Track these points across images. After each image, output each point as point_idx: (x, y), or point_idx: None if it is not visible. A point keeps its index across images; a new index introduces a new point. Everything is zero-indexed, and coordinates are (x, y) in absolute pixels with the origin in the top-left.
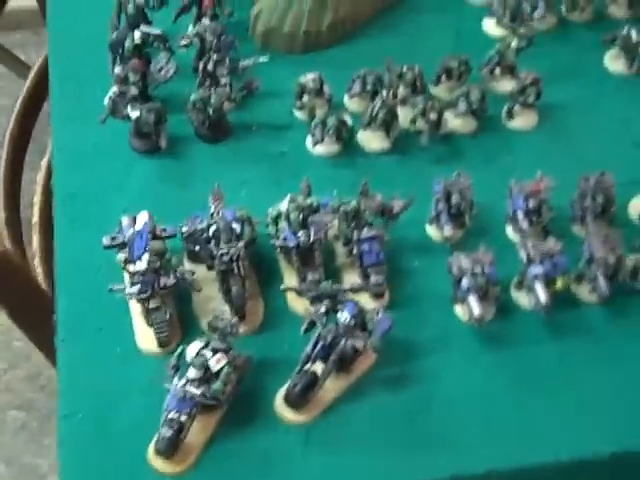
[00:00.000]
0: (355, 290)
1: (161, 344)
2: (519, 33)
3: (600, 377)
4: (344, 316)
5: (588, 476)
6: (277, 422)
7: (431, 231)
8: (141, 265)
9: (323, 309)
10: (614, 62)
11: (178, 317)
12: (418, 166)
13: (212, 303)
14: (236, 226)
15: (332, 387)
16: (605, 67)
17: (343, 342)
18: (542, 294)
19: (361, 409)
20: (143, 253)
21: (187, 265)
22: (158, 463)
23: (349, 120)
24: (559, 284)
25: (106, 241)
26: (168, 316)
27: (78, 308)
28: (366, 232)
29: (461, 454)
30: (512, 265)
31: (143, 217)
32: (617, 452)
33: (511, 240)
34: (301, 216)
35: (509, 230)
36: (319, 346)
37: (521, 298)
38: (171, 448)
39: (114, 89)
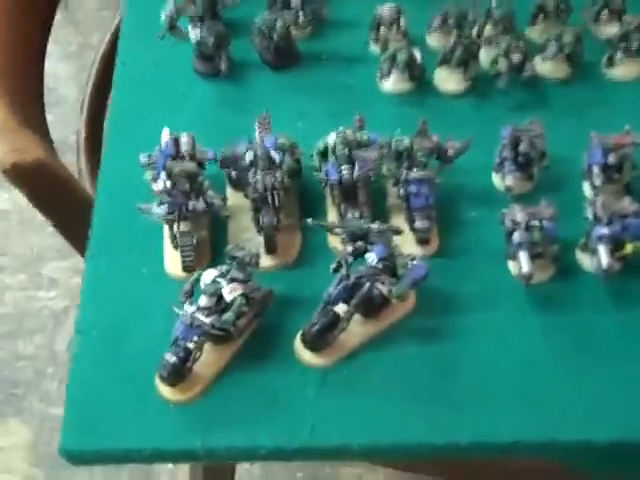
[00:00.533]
0: (386, 230)
1: (185, 268)
2: None
3: None
4: (371, 257)
5: (628, 462)
6: (294, 362)
7: (495, 179)
8: (158, 186)
9: (350, 248)
10: None
11: (210, 244)
12: (495, 112)
13: (247, 233)
14: (275, 154)
15: (357, 332)
16: None
17: (367, 285)
18: (604, 257)
19: (385, 359)
20: (160, 172)
21: (229, 192)
22: (164, 389)
23: (419, 57)
24: (628, 249)
25: (143, 159)
26: (195, 241)
27: (112, 226)
28: (415, 173)
29: (487, 420)
30: (584, 225)
31: (165, 133)
32: None
33: (586, 196)
34: (347, 150)
35: (586, 187)
36: (341, 287)
37: (585, 260)
38: (173, 375)
39: (171, 5)
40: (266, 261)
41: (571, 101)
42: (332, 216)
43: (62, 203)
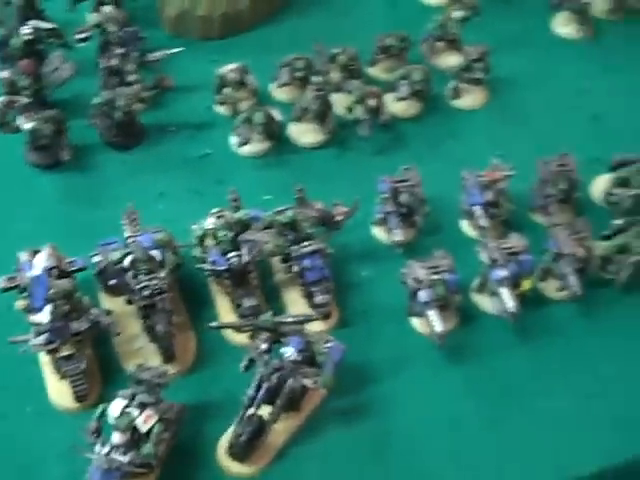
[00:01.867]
0: (300, 322)
1: (78, 398)
2: (462, 1)
3: (577, 383)
4: (289, 351)
5: None
6: (222, 476)
7: (378, 233)
8: (43, 317)
9: (264, 346)
10: (564, 27)
11: (97, 362)
12: (358, 159)
13: (136, 342)
14: (156, 253)
15: (281, 429)
16: (555, 33)
17: (291, 382)
18: (510, 301)
19: (314, 451)
20: (44, 304)
21: (103, 299)
22: None
23: (278, 115)
24: (526, 286)
25: (3, 283)
26: (84, 365)
27: None
28: (306, 247)
29: None
30: (471, 264)
31: (41, 257)
32: (604, 467)
33: (467, 235)
34: (230, 234)
35: (464, 225)
36: (263, 389)
37: (484, 302)
38: None
39: (2, 99)
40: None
41: (426, 137)
42: (223, 306)
43: None
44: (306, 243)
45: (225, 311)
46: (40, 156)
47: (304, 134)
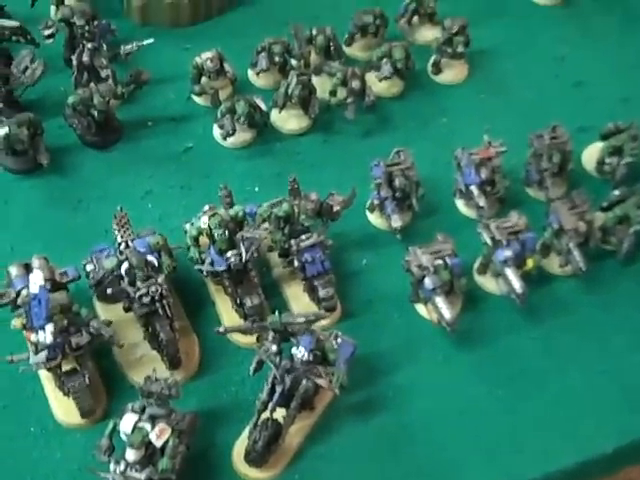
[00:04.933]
0: (311, 321)
1: (84, 414)
2: None
3: (588, 359)
4: (300, 352)
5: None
6: None
7: (374, 219)
8: (45, 337)
9: (274, 348)
10: None
11: (99, 374)
12: (345, 143)
13: (138, 350)
14: (152, 258)
15: (296, 430)
16: (530, 0)
17: (305, 382)
18: (516, 282)
19: (332, 449)
20: (45, 323)
21: (98, 307)
22: None
23: (262, 104)
24: (530, 264)
25: None
26: (87, 380)
27: None
28: (306, 240)
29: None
30: (471, 245)
31: (38, 274)
32: (622, 444)
33: (464, 215)
34: (227, 232)
35: (460, 203)
36: (277, 392)
37: (487, 283)
38: None
39: None
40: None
41: (412, 115)
42: (224, 306)
43: None
44: (304, 237)
45: (226, 311)
46: (17, 161)
47: (288, 121)
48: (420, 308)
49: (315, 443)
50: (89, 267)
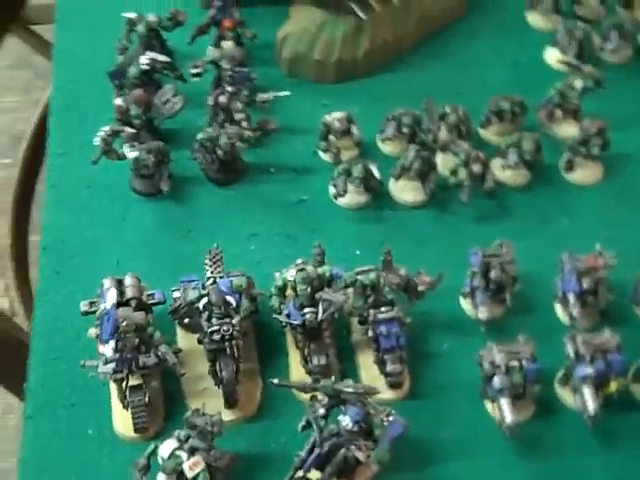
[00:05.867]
0: (360, 394)
1: (137, 430)
2: (585, 72)
3: None
4: (345, 421)
5: None
6: None
7: (466, 305)
8: (107, 351)
9: (322, 411)
10: None
11: (163, 396)
12: (457, 224)
13: (203, 382)
14: (230, 299)
15: None
16: None
17: (343, 452)
18: (590, 402)
19: None
20: (109, 338)
21: (178, 333)
22: None
23: (377, 172)
24: (613, 387)
25: (84, 307)
26: (147, 399)
27: (52, 379)
28: (384, 313)
29: None
30: (560, 352)
31: (113, 293)
32: None
33: (560, 321)
34: (309, 289)
35: (558, 308)
36: (314, 454)
37: (566, 396)
38: None
39: (105, 128)
40: (226, 415)
41: (533, 209)
42: (295, 359)
43: None
44: (384, 309)
45: (296, 364)
46: (142, 184)
47: (404, 191)
48: (489, 405)
49: None
50: (175, 294)
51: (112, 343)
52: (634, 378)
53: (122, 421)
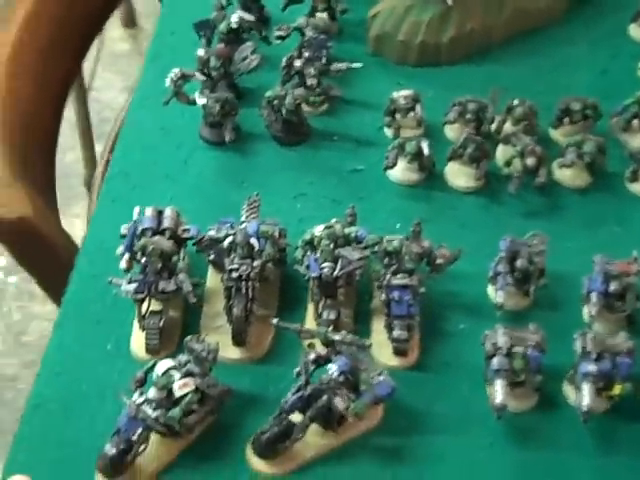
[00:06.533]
0: (348, 343)
1: (149, 351)
2: None
3: None
4: (332, 369)
5: None
6: (244, 467)
7: (491, 292)
8: (122, 263)
9: (312, 356)
10: None
11: (181, 327)
12: (504, 216)
13: (220, 320)
14: (255, 242)
15: (314, 444)
16: None
17: (325, 398)
18: (586, 397)
19: (341, 476)
20: (124, 252)
21: (210, 272)
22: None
23: (427, 149)
24: (616, 390)
25: (124, 230)
26: (162, 323)
27: (86, 294)
28: (398, 279)
29: None
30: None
31: (147, 219)
32: None
33: (585, 322)
34: (332, 246)
35: (585, 310)
36: (296, 396)
37: (571, 394)
38: (111, 468)
39: (176, 70)
40: (233, 353)
41: (586, 213)
42: (311, 312)
43: (43, 261)
44: (400, 275)
45: (310, 318)
46: (209, 132)
47: (458, 176)
48: (489, 389)
49: (328, 465)
50: (210, 232)
51: (126, 256)
52: None
53: (138, 341)
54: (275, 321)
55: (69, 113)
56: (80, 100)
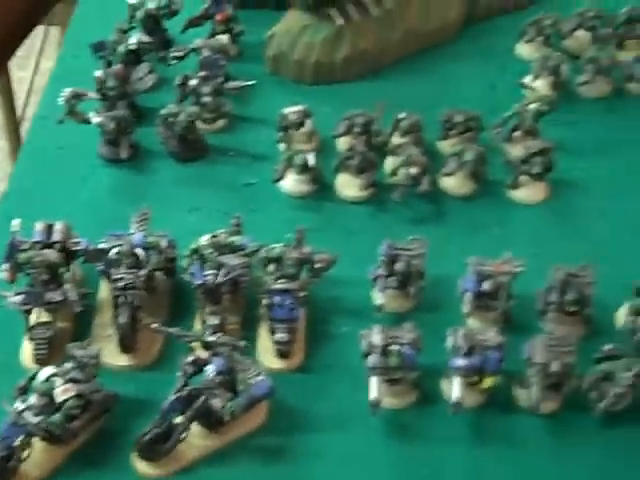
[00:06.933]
0: (223, 344)
1: (38, 361)
2: (541, 96)
3: None
4: (209, 370)
5: None
6: (130, 471)
7: (374, 295)
8: (2, 275)
9: (190, 358)
10: None
11: (71, 337)
12: (389, 222)
13: (110, 329)
14: (140, 252)
15: (197, 445)
16: None
17: (202, 399)
18: (455, 389)
19: (225, 477)
20: (1, 263)
21: (102, 283)
22: None
23: (312, 161)
24: (487, 384)
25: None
26: (50, 334)
27: None
28: (279, 284)
29: None
30: None
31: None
32: None
33: (466, 322)
34: (215, 254)
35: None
36: (174, 397)
37: (447, 390)
38: None
39: (69, 90)
40: (122, 360)
41: (470, 219)
42: (198, 319)
43: None
44: (282, 280)
45: (198, 324)
46: (107, 150)
47: (347, 187)
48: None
49: (212, 466)
50: (102, 245)
51: (4, 266)
52: (521, 382)
53: (27, 353)
54: (155, 326)
55: None
56: None
